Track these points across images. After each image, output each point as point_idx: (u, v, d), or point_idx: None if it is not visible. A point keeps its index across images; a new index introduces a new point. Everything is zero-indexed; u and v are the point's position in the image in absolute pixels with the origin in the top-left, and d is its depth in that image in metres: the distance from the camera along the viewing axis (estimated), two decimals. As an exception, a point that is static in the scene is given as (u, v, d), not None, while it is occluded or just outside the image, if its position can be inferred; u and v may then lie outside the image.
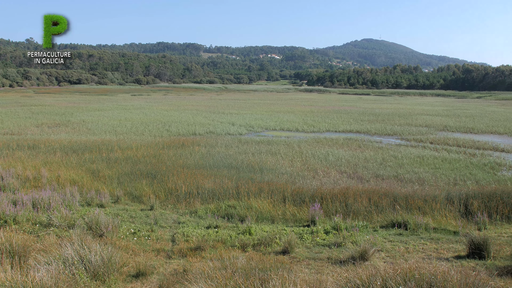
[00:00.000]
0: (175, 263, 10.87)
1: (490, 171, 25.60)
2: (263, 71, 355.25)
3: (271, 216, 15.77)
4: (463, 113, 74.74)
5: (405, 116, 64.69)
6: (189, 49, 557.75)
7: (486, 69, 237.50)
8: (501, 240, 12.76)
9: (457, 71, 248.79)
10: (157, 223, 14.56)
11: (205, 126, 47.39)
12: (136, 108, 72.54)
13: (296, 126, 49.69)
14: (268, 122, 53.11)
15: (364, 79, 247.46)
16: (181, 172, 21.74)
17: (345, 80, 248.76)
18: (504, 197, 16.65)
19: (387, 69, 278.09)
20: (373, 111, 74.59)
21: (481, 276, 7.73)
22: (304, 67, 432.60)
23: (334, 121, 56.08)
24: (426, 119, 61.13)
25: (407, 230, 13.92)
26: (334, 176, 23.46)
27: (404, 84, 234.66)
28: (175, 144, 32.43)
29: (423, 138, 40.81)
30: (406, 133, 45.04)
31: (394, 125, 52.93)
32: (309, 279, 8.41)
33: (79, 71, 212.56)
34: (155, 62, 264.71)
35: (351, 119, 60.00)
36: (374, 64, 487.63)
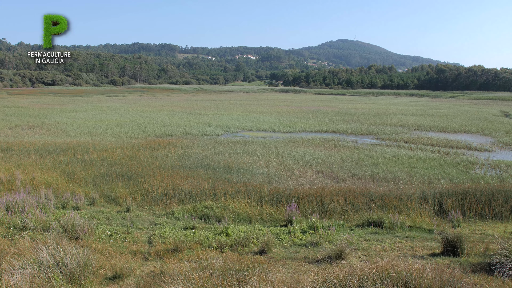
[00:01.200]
0: (152, 265, 10.81)
1: (463, 169, 25.97)
2: (239, 71, 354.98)
3: (248, 217, 15.78)
4: (436, 112, 75.71)
5: (380, 116, 65.25)
6: (164, 49, 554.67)
7: (459, 69, 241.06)
8: (475, 237, 12.95)
9: (431, 71, 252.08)
10: (134, 225, 14.46)
11: (181, 127, 47.18)
12: (111, 109, 71.88)
13: (272, 127, 49.77)
14: (245, 123, 53.11)
15: (340, 79, 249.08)
16: (158, 173, 21.63)
17: (321, 81, 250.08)
18: (477, 195, 16.91)
19: (362, 69, 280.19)
20: (348, 111, 75.07)
21: (455, 273, 7.85)
22: (280, 67, 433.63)
23: (310, 121, 56.31)
24: (400, 118, 61.73)
25: (383, 229, 14.05)
26: (311, 176, 23.56)
27: (379, 84, 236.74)
28: (151, 145, 32.24)
29: (398, 138, 41.21)
30: (381, 133, 45.42)
31: (370, 124, 53.35)
32: (286, 279, 8.44)
33: (53, 72, 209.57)
34: (130, 63, 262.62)
35: (327, 119, 60.31)
36: (349, 65, 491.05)
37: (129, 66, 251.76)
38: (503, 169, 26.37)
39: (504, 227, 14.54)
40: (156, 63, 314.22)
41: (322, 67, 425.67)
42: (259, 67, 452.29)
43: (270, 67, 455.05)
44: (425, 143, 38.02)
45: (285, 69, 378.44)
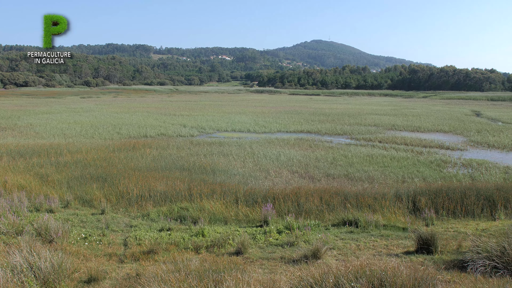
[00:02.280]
0: (128, 267, 10.73)
1: (436, 168, 26.33)
2: (214, 72, 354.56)
3: (224, 217, 15.76)
4: (410, 112, 76.60)
5: (355, 116, 65.76)
6: (139, 50, 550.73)
7: (431, 69, 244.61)
8: (448, 235, 13.14)
9: (404, 71, 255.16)
10: (109, 227, 14.33)
11: (156, 128, 46.90)
12: (85, 111, 71.07)
13: (248, 127, 49.79)
14: (220, 124, 53.03)
15: (314, 79, 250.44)
16: (133, 175, 21.47)
17: (296, 81, 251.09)
18: (450, 193, 17.17)
19: (337, 69, 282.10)
20: (323, 111, 75.49)
21: (429, 270, 7.97)
22: (255, 68, 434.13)
23: (285, 122, 56.47)
24: (374, 118, 62.31)
25: (358, 228, 14.16)
26: (286, 176, 23.63)
27: (353, 84, 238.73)
28: (126, 146, 31.98)
29: (372, 137, 41.58)
30: (355, 133, 45.78)
31: (344, 124, 53.73)
32: (262, 279, 8.46)
33: (25, 73, 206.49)
34: (104, 64, 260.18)
35: (302, 119, 60.55)
36: (324, 65, 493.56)
37: (103, 67, 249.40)
38: (474, 168, 26.81)
39: (476, 225, 14.78)
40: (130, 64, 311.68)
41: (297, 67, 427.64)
42: (234, 67, 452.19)
43: (245, 67, 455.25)
44: (399, 142, 38.45)
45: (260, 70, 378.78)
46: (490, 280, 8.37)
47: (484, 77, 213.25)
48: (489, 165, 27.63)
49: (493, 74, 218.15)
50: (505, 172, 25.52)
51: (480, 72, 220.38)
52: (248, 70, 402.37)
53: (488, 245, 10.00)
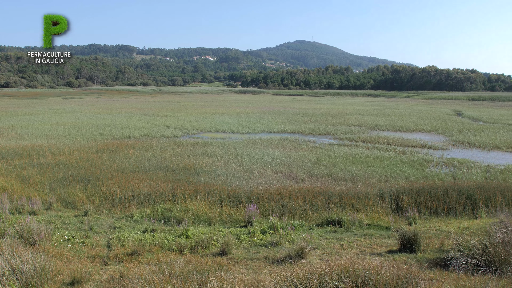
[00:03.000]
0: (112, 269, 10.67)
1: (418, 167, 26.54)
2: (197, 73, 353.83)
3: (208, 218, 15.74)
4: (392, 112, 77.14)
5: (338, 116, 66.02)
6: (122, 51, 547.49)
7: (413, 69, 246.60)
8: (430, 234, 13.26)
9: (386, 71, 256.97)
10: (92, 228, 14.23)
11: (140, 129, 46.66)
12: (68, 112, 70.44)
13: (231, 128, 49.75)
14: (203, 124, 52.90)
15: (297, 80, 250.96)
16: (116, 176, 21.33)
17: (279, 81, 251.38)
18: (432, 193, 17.33)
19: (320, 70, 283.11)
20: (306, 112, 75.69)
21: (412, 269, 8.03)
22: (238, 68, 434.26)
23: (268, 122, 56.52)
24: (357, 118, 62.61)
25: (342, 227, 14.23)
26: (270, 176, 23.66)
27: (336, 84, 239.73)
28: (109, 147, 31.76)
29: (355, 137, 41.78)
30: (339, 133, 45.96)
31: (327, 124, 53.92)
32: (247, 280, 8.47)
33: (6, 74, 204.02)
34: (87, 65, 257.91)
35: (285, 119, 60.66)
36: (307, 65, 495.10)
37: (86, 68, 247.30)
38: (456, 167, 27.08)
39: (458, 223, 14.92)
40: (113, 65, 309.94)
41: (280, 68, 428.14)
42: (217, 68, 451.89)
43: (228, 68, 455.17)
44: (382, 142, 38.68)
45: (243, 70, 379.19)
46: (472, 278, 8.47)
47: (465, 77, 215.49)
48: (470, 164, 27.93)
49: (474, 74, 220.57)
50: (486, 171, 25.81)
51: (461, 72, 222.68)
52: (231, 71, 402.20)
53: (470, 243, 10.11)
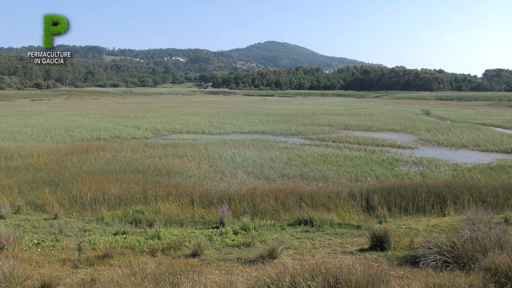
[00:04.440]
0: (82, 273, 10.55)
1: (388, 166, 26.88)
2: (168, 74, 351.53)
3: (180, 219, 15.67)
4: (362, 112, 77.93)
5: (309, 116, 66.41)
6: (91, 52, 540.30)
7: (382, 70, 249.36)
8: (400, 232, 13.44)
9: (356, 72, 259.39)
10: (62, 232, 14.03)
11: (110, 130, 46.19)
12: (36, 114, 69.24)
13: (203, 129, 49.64)
14: (174, 125, 52.66)
15: (268, 80, 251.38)
16: (86, 178, 21.08)
17: (250, 82, 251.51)
18: (402, 191, 17.57)
19: (290, 70, 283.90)
20: (277, 112, 75.94)
21: (382, 266, 8.12)
22: (209, 69, 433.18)
23: (240, 123, 56.55)
24: (328, 118, 63.07)
25: (313, 227, 14.31)
26: (241, 177, 23.68)
27: (306, 85, 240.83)
28: (79, 150, 31.36)
29: (326, 137, 42.09)
30: (309, 133, 46.24)
31: (298, 125, 54.19)
32: (219, 281, 8.46)
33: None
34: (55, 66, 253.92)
35: (256, 120, 60.76)
36: (278, 66, 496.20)
37: (55, 69, 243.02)
38: (425, 165, 27.51)
39: (427, 221, 15.16)
40: (82, 66, 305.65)
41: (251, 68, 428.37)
42: (188, 69, 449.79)
43: (199, 69, 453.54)
44: (352, 142, 39.06)
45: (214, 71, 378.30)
46: (441, 275, 8.60)
47: (433, 77, 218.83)
48: (438, 162, 28.40)
49: (441, 74, 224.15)
50: (454, 169, 26.28)
51: (429, 72, 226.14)
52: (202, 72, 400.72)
53: (438, 241, 10.28)
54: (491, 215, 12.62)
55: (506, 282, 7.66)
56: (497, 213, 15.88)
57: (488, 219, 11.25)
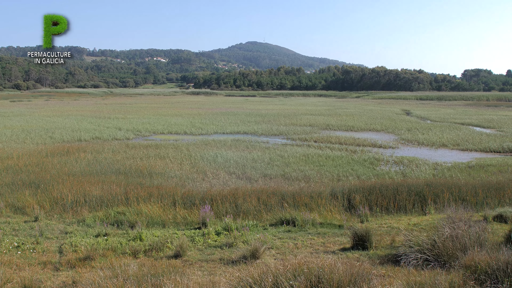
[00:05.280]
0: (64, 275, 10.47)
1: (369, 166, 27.07)
2: (149, 74, 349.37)
3: (162, 221, 15.63)
4: (343, 112, 78.35)
5: (290, 116, 66.55)
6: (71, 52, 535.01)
7: (363, 70, 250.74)
8: (382, 231, 13.55)
9: (337, 72, 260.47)
10: (43, 234, 13.90)
11: (91, 131, 45.81)
12: (16, 115, 68.39)
13: (184, 129, 49.49)
14: (156, 126, 52.42)
15: (250, 81, 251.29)
16: (67, 180, 20.91)
17: (231, 82, 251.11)
18: (383, 190, 17.72)
19: (272, 71, 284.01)
20: (259, 112, 75.97)
21: (364, 265, 8.18)
22: (191, 70, 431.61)
23: (221, 123, 56.50)
24: (310, 118, 63.27)
25: (296, 227, 14.37)
26: (224, 177, 23.68)
27: (288, 85, 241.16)
28: (60, 151, 31.07)
29: (307, 137, 42.23)
30: (291, 133, 46.34)
31: (280, 125, 54.29)
32: (202, 281, 8.47)
33: None
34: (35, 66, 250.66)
35: (238, 120, 60.74)
36: (259, 66, 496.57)
37: (34, 70, 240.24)
38: (405, 165, 27.75)
39: (408, 220, 15.31)
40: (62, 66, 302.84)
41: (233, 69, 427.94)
42: (169, 69, 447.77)
43: (180, 69, 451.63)
44: (334, 142, 39.24)
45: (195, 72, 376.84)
46: (422, 273, 8.70)
47: (413, 77, 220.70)
48: (419, 162, 28.67)
49: (421, 74, 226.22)
50: (434, 168, 26.56)
51: (410, 72, 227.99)
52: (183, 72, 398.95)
53: (419, 239, 10.39)
54: (471, 213, 12.80)
55: (485, 279, 7.77)
56: (477, 211, 16.10)
57: (468, 217, 11.40)
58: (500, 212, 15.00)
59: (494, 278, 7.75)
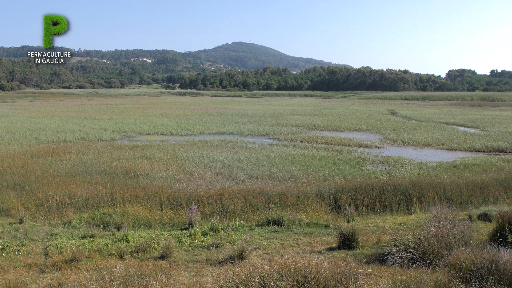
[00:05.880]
0: (49, 277, 10.40)
1: (355, 166, 27.17)
2: (135, 75, 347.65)
3: (148, 222, 15.58)
4: (329, 112, 78.60)
5: (276, 117, 66.63)
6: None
7: (348, 70, 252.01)
8: (368, 230, 13.62)
9: (323, 72, 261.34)
10: (28, 236, 13.79)
11: (76, 132, 45.49)
12: (0, 116, 67.82)
13: (170, 130, 49.32)
14: (142, 127, 52.20)
15: (236, 81, 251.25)
16: (52, 181, 20.75)
17: (218, 83, 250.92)
18: (369, 190, 17.81)
19: (258, 71, 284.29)
20: (245, 113, 75.97)
21: (351, 265, 8.22)
22: (177, 70, 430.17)
23: (208, 124, 56.41)
24: (296, 119, 63.40)
25: (282, 227, 14.40)
26: (210, 178, 23.65)
27: (274, 85, 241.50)
28: (45, 152, 30.82)
29: (294, 138, 42.30)
30: (277, 133, 46.39)
31: (266, 125, 54.32)
32: (188, 282, 8.46)
33: None
34: (19, 67, 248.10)
35: (224, 121, 60.69)
36: (245, 67, 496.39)
37: (19, 70, 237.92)
38: (391, 164, 27.90)
39: (394, 219, 15.41)
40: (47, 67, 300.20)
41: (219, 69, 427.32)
42: (155, 70, 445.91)
43: (166, 70, 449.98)
44: (320, 142, 39.35)
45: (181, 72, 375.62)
46: (408, 272, 8.77)
47: (398, 78, 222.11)
48: (404, 161, 28.85)
49: (406, 74, 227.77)
50: (419, 167, 26.74)
51: (395, 72, 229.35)
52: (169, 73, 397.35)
53: (405, 238, 10.47)
54: (456, 212, 12.88)
55: (470, 277, 7.83)
56: (461, 210, 16.25)
57: (453, 216, 11.48)
58: (484, 210, 15.17)
59: (479, 276, 7.82)
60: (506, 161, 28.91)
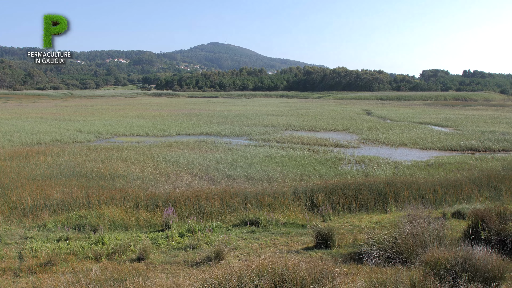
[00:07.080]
0: (24, 281, 10.26)
1: (331, 166, 27.36)
2: (110, 76, 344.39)
3: (125, 224, 15.47)
4: (305, 112, 78.96)
5: (253, 117, 66.71)
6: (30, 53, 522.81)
7: (324, 70, 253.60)
8: (344, 229, 13.72)
9: (299, 73, 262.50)
10: (2, 240, 13.59)
11: (51, 134, 44.89)
12: (-30, 118, 66.62)
13: (146, 131, 49.02)
14: (118, 128, 51.77)
15: (212, 82, 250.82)
16: (26, 184, 20.46)
17: (194, 84, 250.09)
18: (345, 189, 17.96)
19: (234, 72, 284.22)
20: (222, 113, 75.89)
21: (327, 264, 8.27)
22: (152, 71, 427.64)
23: (184, 124, 56.20)
24: (272, 119, 63.56)
25: (259, 227, 14.42)
26: (187, 179, 23.58)
27: (250, 86, 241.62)
28: (18, 154, 30.38)
29: (270, 138, 42.40)
30: (254, 134, 46.46)
31: (243, 126, 54.34)
32: (166, 284, 8.44)
33: None
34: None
35: (200, 121, 60.54)
36: (221, 67, 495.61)
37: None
38: (367, 164, 28.15)
39: (370, 218, 15.55)
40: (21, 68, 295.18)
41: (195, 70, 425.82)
42: (131, 71, 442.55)
43: (142, 71, 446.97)
44: (296, 142, 39.50)
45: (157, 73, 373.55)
46: (384, 270, 8.86)
47: (373, 78, 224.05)
48: (380, 161, 29.13)
49: (381, 75, 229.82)
50: (394, 167, 27.03)
51: (370, 73, 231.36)
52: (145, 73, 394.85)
53: (381, 237, 10.58)
54: (430, 211, 13.04)
55: (444, 275, 7.95)
56: (436, 209, 16.47)
57: (427, 214, 11.63)
58: (458, 208, 15.41)
59: (453, 273, 7.94)
60: (479, 160, 29.41)
